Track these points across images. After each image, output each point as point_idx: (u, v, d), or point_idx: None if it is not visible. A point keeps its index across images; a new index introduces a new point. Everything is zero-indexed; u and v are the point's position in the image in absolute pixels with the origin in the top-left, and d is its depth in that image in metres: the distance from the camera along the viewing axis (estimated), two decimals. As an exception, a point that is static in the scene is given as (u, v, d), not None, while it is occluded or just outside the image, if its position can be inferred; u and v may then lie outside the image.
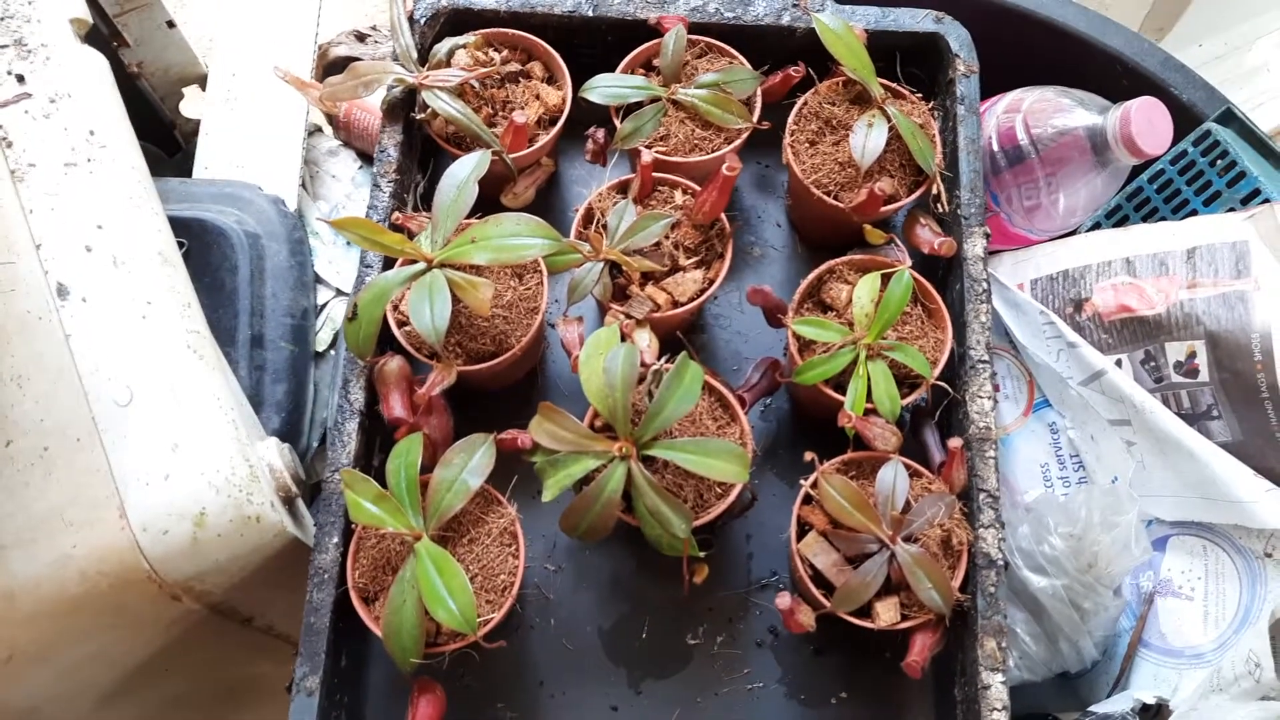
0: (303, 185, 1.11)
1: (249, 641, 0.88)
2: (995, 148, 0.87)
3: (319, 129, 1.17)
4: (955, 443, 0.73)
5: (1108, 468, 0.83)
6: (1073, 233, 0.90)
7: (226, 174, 1.08)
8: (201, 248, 0.97)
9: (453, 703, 0.70)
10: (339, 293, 1.10)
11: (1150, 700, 0.73)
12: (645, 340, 0.76)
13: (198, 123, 1.12)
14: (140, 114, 0.86)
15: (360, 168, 1.19)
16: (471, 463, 0.71)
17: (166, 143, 1.20)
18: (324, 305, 1.08)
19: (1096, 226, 0.93)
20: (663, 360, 0.73)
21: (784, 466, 0.83)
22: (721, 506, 0.72)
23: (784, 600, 0.68)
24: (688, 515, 0.70)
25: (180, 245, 0.85)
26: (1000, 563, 0.72)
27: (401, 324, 0.77)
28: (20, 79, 0.79)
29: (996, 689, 0.69)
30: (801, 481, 0.73)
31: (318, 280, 1.10)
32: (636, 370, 0.70)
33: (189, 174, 1.09)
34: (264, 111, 1.11)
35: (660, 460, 0.72)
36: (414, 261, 0.74)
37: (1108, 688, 0.80)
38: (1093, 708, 0.77)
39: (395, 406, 0.74)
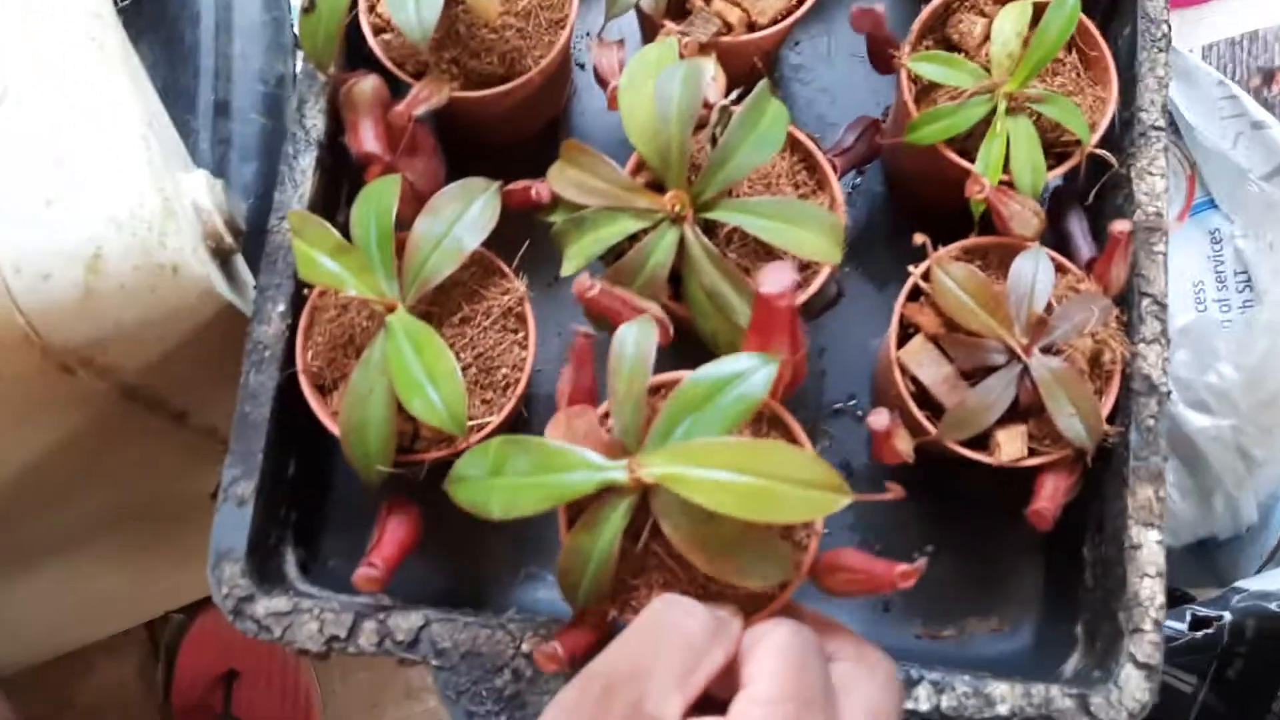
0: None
1: (189, 446, 0.71)
2: None
3: None
4: (1121, 226, 0.54)
5: (1288, 287, 0.65)
6: (1263, -14, 0.69)
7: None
8: (154, -12, 0.79)
9: (433, 526, 0.54)
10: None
11: (1330, 579, 0.57)
12: (710, 72, 0.56)
13: None
14: None
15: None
16: (468, 215, 0.52)
17: None
18: (302, 72, 0.89)
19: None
20: (731, 97, 0.54)
21: (873, 263, 0.64)
22: (800, 298, 0.54)
23: (880, 419, 0.50)
24: (756, 300, 0.52)
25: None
26: (1164, 389, 0.54)
27: (380, 30, 0.58)
28: None
29: (1150, 549, 0.52)
30: (910, 268, 0.55)
31: (297, 45, 0.91)
32: (700, 99, 0.51)
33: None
34: None
35: (724, 228, 0.54)
36: (399, -63, 0.54)
37: (1255, 562, 0.64)
38: (1243, 584, 0.60)
39: (366, 138, 0.55)
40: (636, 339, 0.43)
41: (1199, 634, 0.59)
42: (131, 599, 0.96)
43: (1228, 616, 0.58)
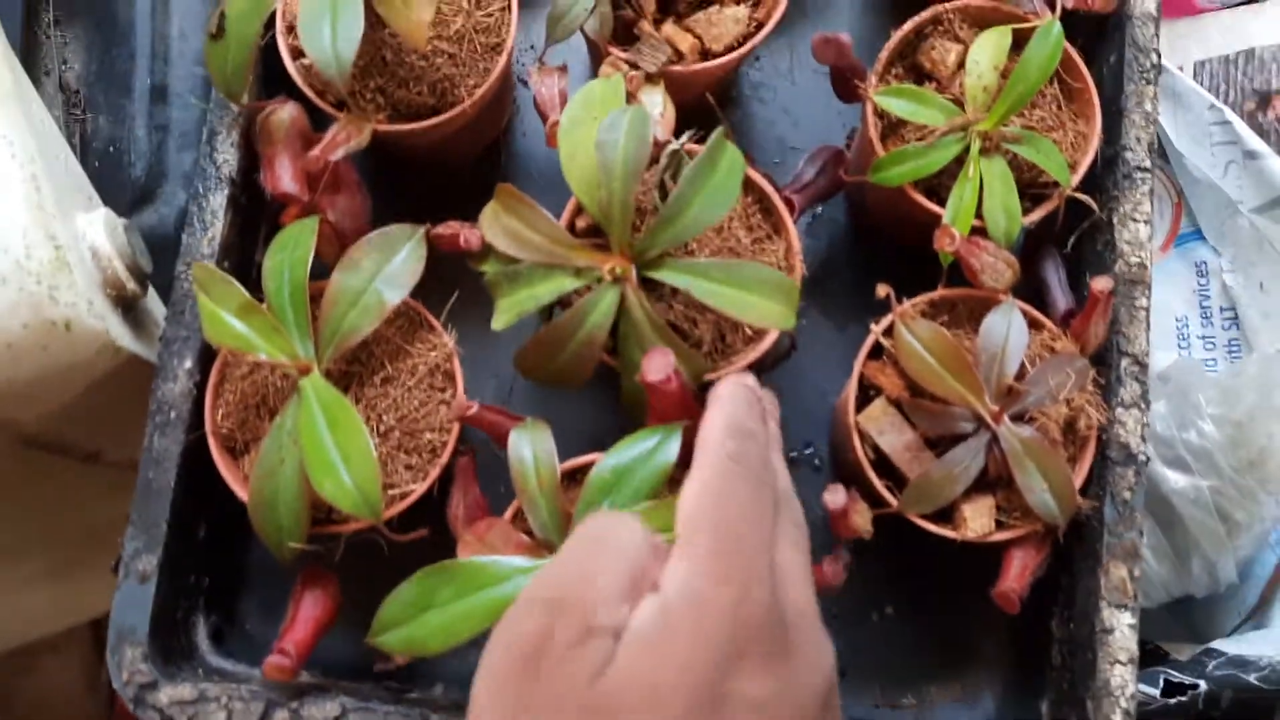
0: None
1: (105, 479, 0.67)
2: None
3: None
4: (1102, 285, 0.49)
5: (1278, 328, 0.61)
6: None
7: None
8: (85, -33, 0.73)
9: (355, 590, 0.49)
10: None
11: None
12: (658, 105, 0.52)
13: None
14: None
15: None
16: (390, 267, 0.48)
17: None
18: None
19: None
20: (682, 139, 0.49)
21: (834, 300, 0.60)
22: (750, 356, 0.50)
23: (836, 497, 0.47)
24: (701, 367, 0.48)
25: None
26: (1142, 458, 0.51)
27: (299, 54, 0.53)
28: None
29: (1122, 634, 0.49)
30: (872, 324, 0.51)
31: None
32: (647, 151, 0.46)
33: None
34: None
35: (668, 287, 0.50)
36: (314, -44, 0.48)
37: (1234, 619, 0.61)
38: (1221, 645, 0.57)
39: (283, 176, 0.50)
40: (532, 441, 0.45)
41: (1173, 700, 0.56)
42: (70, 602, 0.93)
43: (1203, 685, 0.55)
